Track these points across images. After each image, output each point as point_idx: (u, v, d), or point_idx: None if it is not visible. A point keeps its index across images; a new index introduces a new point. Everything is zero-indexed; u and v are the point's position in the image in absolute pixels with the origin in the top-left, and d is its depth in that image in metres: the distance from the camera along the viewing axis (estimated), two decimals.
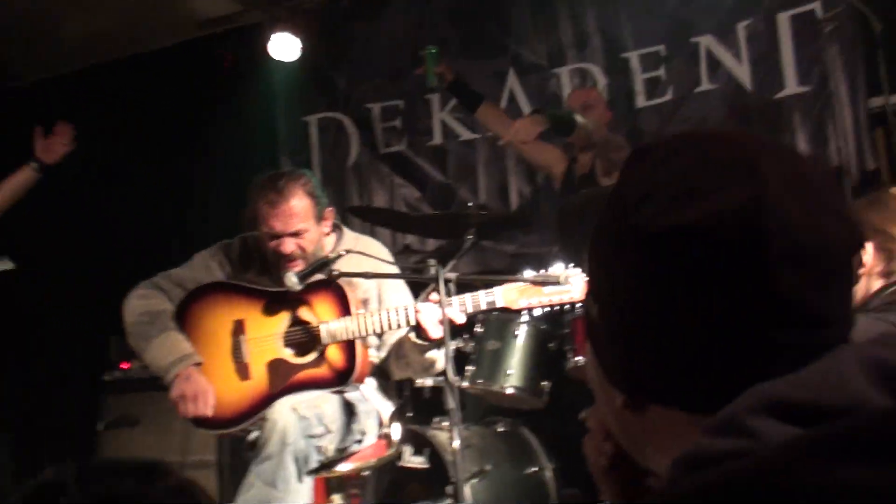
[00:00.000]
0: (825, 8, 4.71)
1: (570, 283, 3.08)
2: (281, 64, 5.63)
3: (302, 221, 3.29)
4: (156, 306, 3.35)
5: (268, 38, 5.51)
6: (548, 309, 3.22)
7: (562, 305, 3.19)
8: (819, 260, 0.77)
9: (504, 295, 3.14)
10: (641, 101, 5.16)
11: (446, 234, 4.88)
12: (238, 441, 4.31)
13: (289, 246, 3.28)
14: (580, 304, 3.22)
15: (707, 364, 0.79)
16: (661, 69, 5.13)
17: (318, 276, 3.27)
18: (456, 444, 2.84)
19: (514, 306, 3.18)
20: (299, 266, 3.29)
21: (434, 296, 3.12)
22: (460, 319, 3.14)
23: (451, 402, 2.90)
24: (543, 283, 3.07)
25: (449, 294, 3.04)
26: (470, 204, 4.41)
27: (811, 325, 0.78)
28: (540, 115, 4.36)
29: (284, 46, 5.55)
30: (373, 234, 4.83)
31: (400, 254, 4.39)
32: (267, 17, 5.79)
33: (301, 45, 5.56)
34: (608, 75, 5.27)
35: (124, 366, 5.20)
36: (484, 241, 4.88)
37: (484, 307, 3.17)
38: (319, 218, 3.36)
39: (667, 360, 0.80)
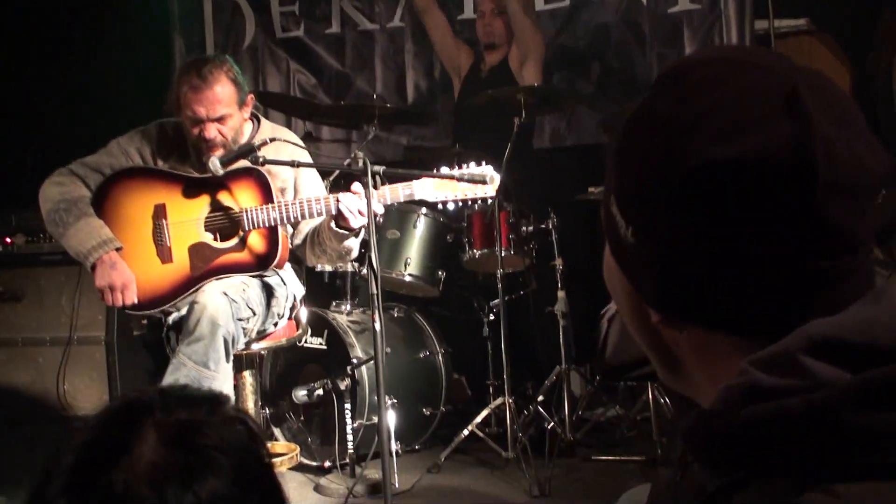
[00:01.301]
0: None
1: (484, 175, 3.21)
2: None
3: (225, 107, 3.31)
4: (72, 192, 3.33)
5: None
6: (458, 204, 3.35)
7: (475, 201, 3.32)
8: (859, 189, 0.80)
9: (421, 189, 3.26)
10: (540, 5, 5.27)
11: (345, 124, 4.97)
12: (126, 320, 4.35)
13: (211, 131, 3.31)
14: (490, 200, 3.35)
15: (754, 290, 0.81)
16: None
17: (242, 163, 3.31)
18: (378, 325, 2.98)
19: (430, 199, 3.29)
20: (220, 151, 3.33)
21: (355, 186, 3.21)
22: (380, 210, 3.26)
23: (374, 288, 3.02)
24: (470, 181, 3.19)
25: (377, 186, 3.14)
26: (375, 96, 4.51)
27: (850, 250, 0.81)
28: None
29: None
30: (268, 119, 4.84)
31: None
32: None
33: None
34: None
35: (7, 241, 5.10)
36: (380, 132, 4.98)
37: (402, 199, 3.28)
38: (241, 104, 3.39)
39: (713, 287, 0.82)
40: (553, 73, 5.21)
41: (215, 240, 3.36)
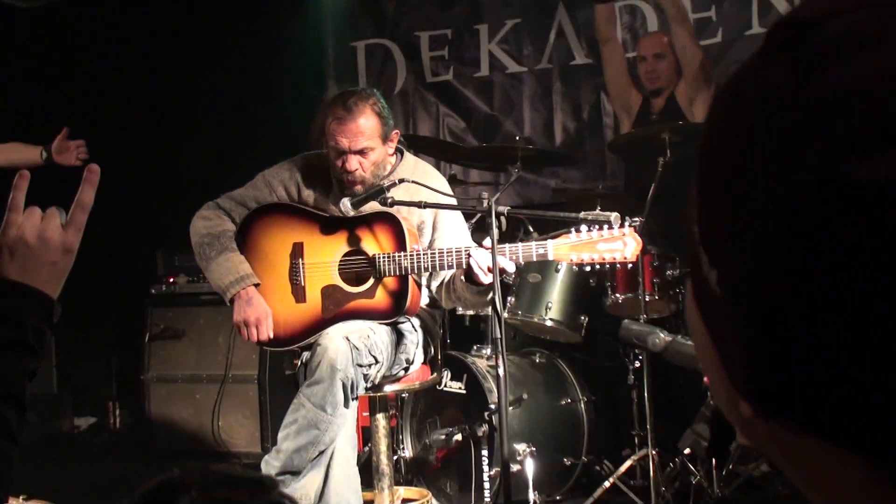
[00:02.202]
0: None
1: (623, 239, 3.12)
2: None
3: (368, 140, 3.34)
4: (217, 227, 3.44)
5: None
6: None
7: (612, 264, 3.23)
8: None
9: (555, 248, 3.18)
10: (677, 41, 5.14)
11: (492, 166, 4.96)
12: (279, 359, 4.45)
13: (353, 163, 3.34)
14: (630, 265, 3.25)
15: None
16: (713, 10, 5.12)
17: (374, 204, 3.33)
18: (501, 371, 2.93)
19: (565, 260, 3.23)
20: (360, 186, 3.36)
21: (487, 241, 3.17)
22: (511, 268, 3.21)
23: (498, 333, 2.98)
24: (596, 222, 3.11)
25: (500, 227, 3.11)
26: (518, 137, 4.47)
27: None
28: None
29: None
30: None
31: None
32: None
33: None
34: (659, 12, 5.26)
35: (170, 280, 5.34)
36: (527, 174, 4.94)
37: (535, 258, 3.22)
38: (385, 138, 3.41)
39: (838, 378, 0.51)
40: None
41: (348, 283, 3.39)
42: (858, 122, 0.49)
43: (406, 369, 3.52)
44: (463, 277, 3.27)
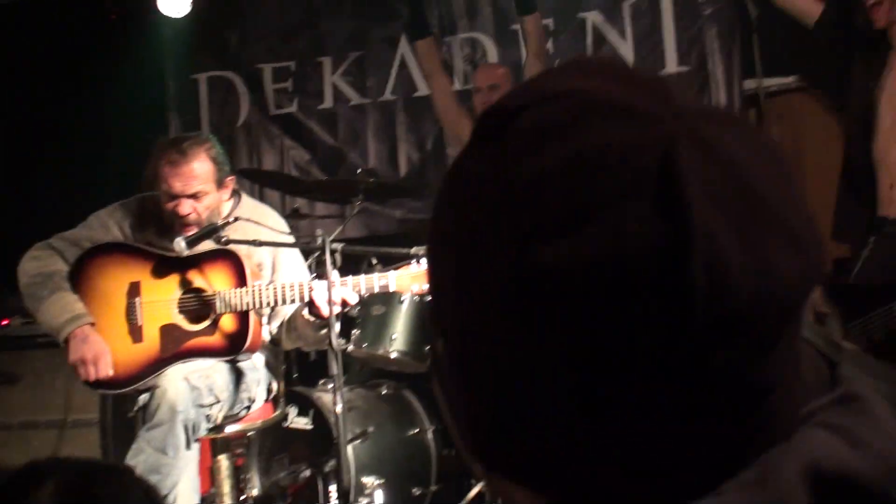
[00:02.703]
0: None
1: None
2: (170, 19, 5.54)
3: (202, 184, 3.31)
4: (48, 267, 3.34)
5: None
6: None
7: None
8: (764, 317, 0.53)
9: (397, 279, 3.21)
10: (530, 73, 5.27)
11: (336, 199, 4.95)
12: (121, 401, 4.33)
13: (186, 208, 3.30)
14: None
15: (601, 452, 0.56)
16: (550, 42, 5.26)
17: (208, 242, 3.29)
18: (339, 408, 2.93)
19: (407, 290, 3.27)
20: (192, 230, 3.32)
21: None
22: (353, 300, 3.22)
23: (335, 368, 2.98)
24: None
25: (335, 263, 3.11)
26: (359, 170, 4.49)
27: (747, 403, 0.55)
28: None
29: (174, 1, 5.47)
30: (262, 197, 4.87)
31: (289, 217, 4.43)
32: None
33: (191, 1, 5.48)
34: (498, 46, 5.37)
35: (3, 322, 5.12)
36: (372, 205, 4.95)
37: (377, 289, 3.25)
38: (220, 184, 3.38)
39: (540, 437, 0.56)
40: None
41: (188, 321, 3.33)
42: (542, 209, 0.53)
43: (248, 408, 3.47)
44: (305, 312, 3.25)
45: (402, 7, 5.52)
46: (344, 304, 3.18)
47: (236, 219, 3.32)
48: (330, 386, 4.21)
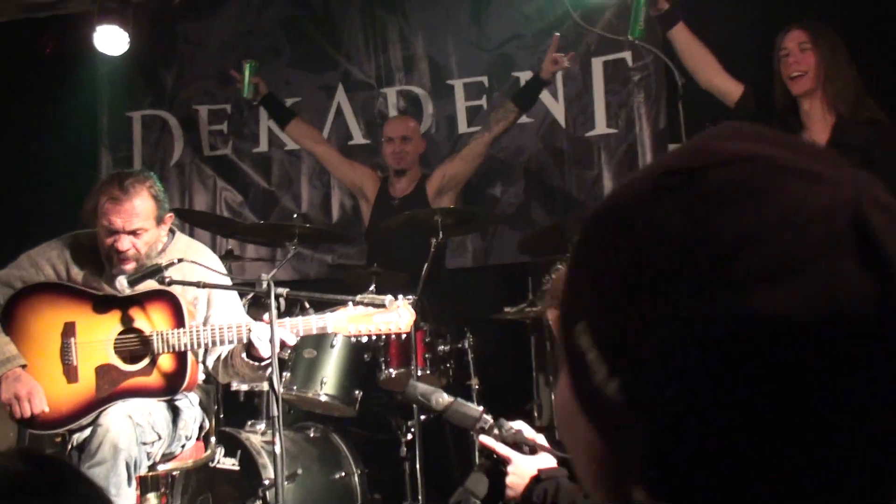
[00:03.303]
0: (635, 58, 5.15)
1: (398, 312, 3.24)
2: (106, 57, 5.56)
3: (142, 221, 3.34)
4: None
5: (94, 30, 5.44)
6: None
7: (388, 335, 3.35)
8: None
9: (335, 322, 3.27)
10: (463, 128, 5.44)
11: (268, 242, 5.00)
12: (38, 441, 4.26)
13: (125, 243, 3.31)
14: (405, 336, 3.37)
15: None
16: (483, 99, 5.42)
17: (149, 282, 3.31)
18: (278, 449, 2.97)
19: (344, 332, 3.31)
20: (132, 265, 3.33)
21: (266, 316, 3.22)
22: (291, 341, 3.26)
23: (275, 410, 3.02)
24: (372, 305, 3.22)
25: (279, 308, 3.16)
26: (294, 215, 4.55)
27: None
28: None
29: (111, 39, 5.48)
30: (193, 237, 4.87)
31: (223, 258, 4.46)
32: (95, 9, 5.70)
33: (128, 40, 5.51)
34: (433, 99, 5.52)
35: None
36: (304, 249, 5.01)
37: (315, 332, 3.30)
38: (159, 221, 3.41)
39: (741, 482, 0.60)
40: (476, 193, 5.32)
41: (124, 361, 3.33)
42: (754, 261, 0.57)
43: (184, 446, 3.48)
44: (244, 354, 3.29)
45: (341, 57, 5.64)
46: (283, 345, 3.22)
47: (180, 260, 3.34)
48: (259, 427, 4.25)
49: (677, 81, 4.36)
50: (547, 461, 2.26)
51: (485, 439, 2.28)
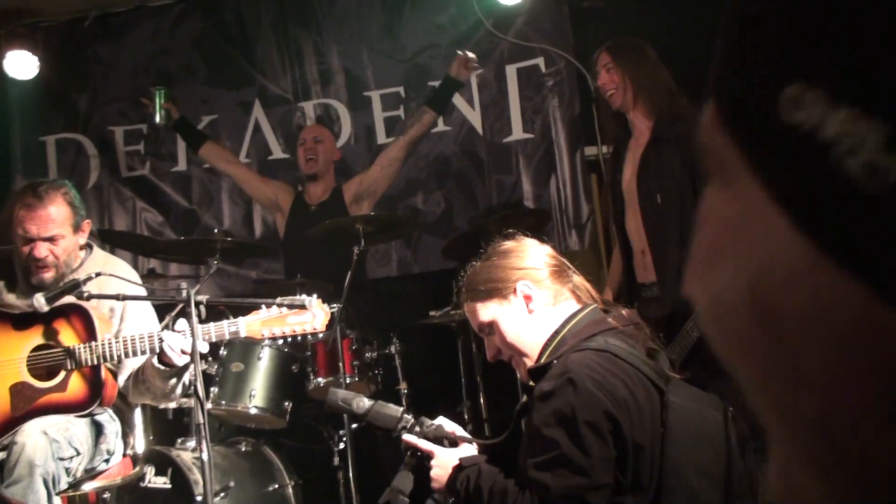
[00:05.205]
0: (547, 64, 5.25)
1: (311, 311, 3.24)
2: (17, 81, 5.49)
3: (58, 227, 3.31)
4: None
5: (2, 55, 5.37)
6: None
7: (303, 335, 3.35)
8: None
9: (247, 325, 3.25)
10: (382, 138, 5.48)
11: (191, 259, 4.97)
12: None
13: (42, 250, 3.29)
14: (321, 334, 3.38)
15: None
16: (400, 109, 5.47)
17: (68, 298, 3.27)
18: (205, 456, 2.94)
19: (257, 335, 3.27)
20: (50, 273, 3.31)
21: (178, 324, 3.19)
22: (204, 348, 3.22)
23: (200, 418, 2.99)
24: (290, 307, 3.22)
25: (200, 317, 3.13)
26: (216, 231, 4.54)
27: None
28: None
29: (21, 64, 5.42)
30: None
31: (144, 277, 4.42)
32: (2, 33, 5.63)
33: (39, 64, 5.45)
34: (351, 111, 5.55)
35: None
36: (227, 266, 4.99)
37: (227, 336, 3.27)
38: (76, 228, 3.39)
39: None
40: (397, 201, 5.36)
41: (38, 379, 3.28)
42: None
43: (107, 461, 3.43)
44: (155, 361, 3.25)
45: (256, 73, 5.64)
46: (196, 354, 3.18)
47: (98, 274, 3.31)
48: (189, 444, 4.20)
49: (591, 85, 4.47)
50: (468, 450, 2.35)
51: (407, 437, 2.35)
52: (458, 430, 2.42)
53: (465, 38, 5.33)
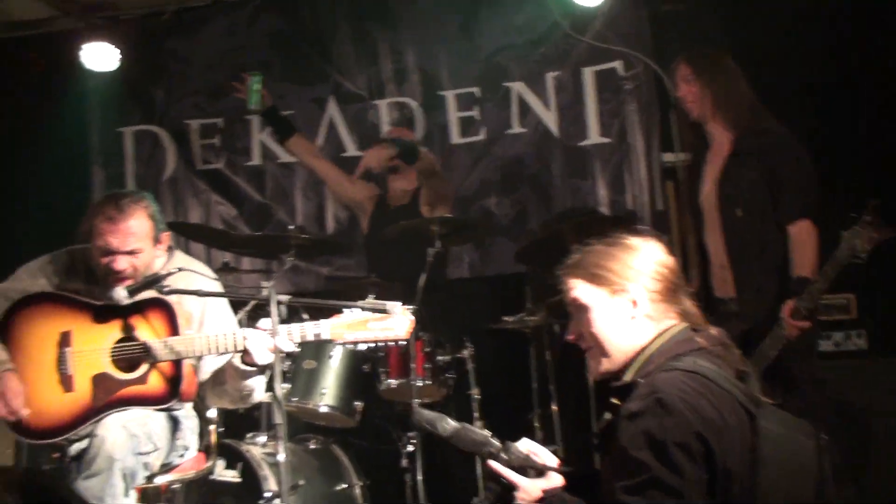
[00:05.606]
0: (625, 68, 5.19)
1: (395, 318, 3.19)
2: (96, 73, 5.56)
3: (139, 241, 3.33)
4: None
5: (82, 47, 5.45)
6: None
7: (386, 342, 3.28)
8: None
9: (331, 328, 3.20)
10: (455, 138, 5.46)
11: (264, 254, 5.00)
12: (37, 451, 4.24)
13: (122, 263, 3.31)
14: (403, 343, 3.32)
15: None
16: (475, 110, 5.44)
17: (149, 292, 3.30)
18: (281, 457, 2.95)
19: (340, 339, 3.21)
20: (128, 282, 3.32)
21: (262, 323, 3.19)
22: (288, 348, 3.20)
23: (279, 418, 3.00)
24: (373, 311, 3.18)
25: (281, 316, 3.13)
26: (291, 227, 4.55)
27: None
28: (389, 143, 4.60)
29: (100, 56, 5.49)
30: (187, 250, 4.86)
31: (219, 271, 4.45)
32: (83, 26, 5.71)
33: (119, 56, 5.52)
34: (425, 111, 5.54)
35: None
36: (300, 261, 5.01)
37: (311, 338, 3.22)
38: (156, 240, 3.41)
39: None
40: (471, 203, 5.33)
41: (121, 370, 3.31)
42: None
43: (182, 455, 3.46)
44: (236, 360, 3.25)
45: (332, 70, 5.65)
46: (279, 353, 3.17)
47: (179, 269, 3.34)
48: (259, 439, 4.23)
49: (669, 90, 4.40)
50: (554, 481, 2.29)
51: (493, 465, 2.30)
52: (542, 452, 2.37)
53: (542, 39, 5.28)
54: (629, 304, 2.24)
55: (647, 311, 2.24)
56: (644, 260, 2.28)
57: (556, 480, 2.29)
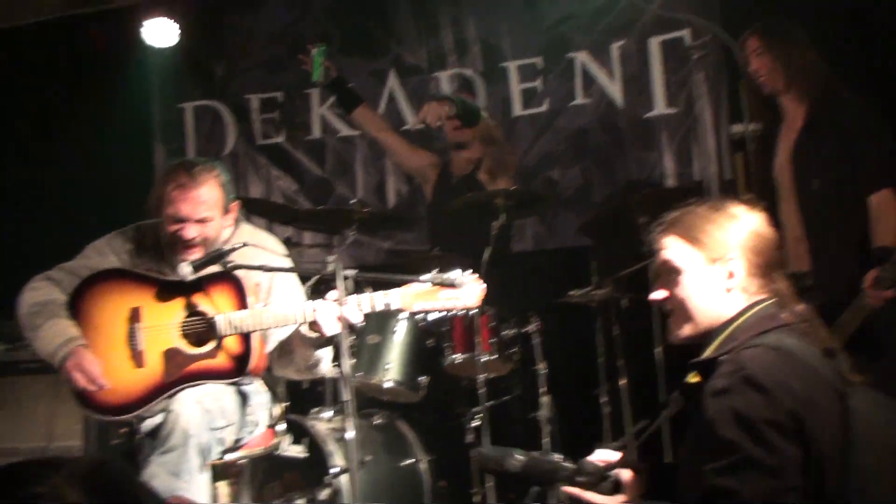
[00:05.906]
0: (693, 37, 5.05)
1: (464, 288, 3.16)
2: (156, 49, 5.56)
3: (210, 209, 3.31)
4: (45, 296, 3.30)
5: (142, 23, 5.44)
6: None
7: (455, 311, 3.24)
8: None
9: (401, 297, 3.18)
10: (518, 110, 5.38)
11: (326, 229, 4.98)
12: (105, 428, 4.27)
13: (191, 232, 3.29)
14: (472, 311, 3.29)
15: None
16: (538, 81, 5.36)
17: (214, 267, 3.29)
18: (350, 434, 2.93)
19: (410, 309, 3.19)
20: (196, 254, 3.31)
21: (331, 294, 3.16)
22: (357, 319, 3.17)
23: (347, 394, 2.97)
24: (441, 285, 3.15)
25: (348, 290, 3.10)
26: (353, 201, 4.52)
27: None
28: (449, 101, 4.52)
29: (160, 32, 5.48)
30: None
31: None
32: (144, 1, 5.71)
33: (178, 32, 5.51)
34: (486, 82, 5.46)
35: None
36: (361, 236, 4.98)
37: (381, 308, 3.20)
38: (225, 210, 3.39)
39: None
40: (534, 176, 5.26)
41: (190, 345, 3.31)
42: None
43: (252, 432, 3.46)
44: (304, 329, 3.23)
45: (392, 42, 5.60)
46: (347, 325, 3.14)
47: (244, 244, 3.31)
48: (324, 414, 4.22)
49: (738, 59, 4.28)
50: (631, 484, 2.27)
51: (571, 490, 2.25)
52: (613, 457, 2.33)
53: (606, 9, 5.17)
54: (725, 274, 2.16)
55: (742, 285, 2.16)
56: (746, 231, 2.19)
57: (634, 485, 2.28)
